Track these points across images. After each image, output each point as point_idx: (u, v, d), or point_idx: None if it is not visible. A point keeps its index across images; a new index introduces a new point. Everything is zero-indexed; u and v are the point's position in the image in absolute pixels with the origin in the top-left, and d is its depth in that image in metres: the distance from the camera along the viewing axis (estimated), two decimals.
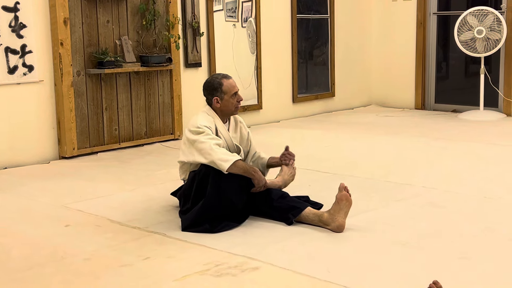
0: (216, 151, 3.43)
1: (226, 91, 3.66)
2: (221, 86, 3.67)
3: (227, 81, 3.69)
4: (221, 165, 3.40)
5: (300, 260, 2.95)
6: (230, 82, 3.70)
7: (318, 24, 7.87)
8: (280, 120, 7.37)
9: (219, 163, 3.40)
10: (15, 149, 5.18)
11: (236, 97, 3.68)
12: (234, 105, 3.68)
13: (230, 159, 3.42)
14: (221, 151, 3.45)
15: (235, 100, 3.68)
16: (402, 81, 8.28)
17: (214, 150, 3.43)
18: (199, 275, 2.78)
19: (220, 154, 3.43)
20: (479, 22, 7.16)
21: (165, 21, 5.99)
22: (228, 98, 3.66)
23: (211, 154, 3.43)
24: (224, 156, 3.42)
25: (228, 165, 3.39)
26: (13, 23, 5.07)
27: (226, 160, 3.41)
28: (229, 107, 3.68)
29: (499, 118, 7.24)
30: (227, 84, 3.68)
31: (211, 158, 3.42)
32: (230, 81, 3.70)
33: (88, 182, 4.58)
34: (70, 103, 5.34)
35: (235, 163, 3.41)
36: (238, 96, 3.69)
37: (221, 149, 3.48)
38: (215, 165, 3.42)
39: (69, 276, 2.82)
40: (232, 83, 3.70)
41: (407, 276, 2.74)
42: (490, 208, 3.76)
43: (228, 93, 3.66)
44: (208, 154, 3.44)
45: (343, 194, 3.35)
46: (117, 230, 3.46)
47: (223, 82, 3.67)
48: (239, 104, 3.71)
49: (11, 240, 3.35)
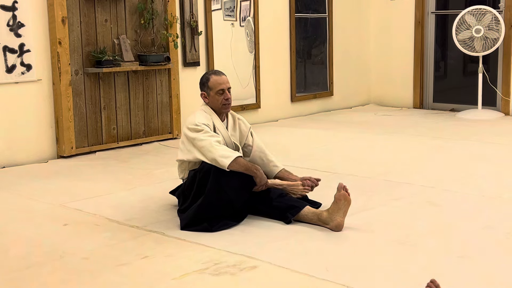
0: (216, 148, 3.41)
1: (212, 87, 3.61)
2: (208, 81, 3.63)
3: (215, 77, 3.63)
4: (222, 162, 3.38)
5: (299, 258, 2.95)
6: (218, 78, 3.63)
7: (316, 23, 7.87)
8: (279, 119, 7.37)
9: (220, 159, 3.38)
10: (13, 148, 5.17)
11: (223, 95, 3.61)
12: (220, 102, 3.61)
13: (231, 155, 3.40)
14: (221, 148, 3.44)
15: (222, 98, 3.61)
16: (401, 80, 8.28)
17: (215, 147, 3.41)
18: (198, 274, 2.78)
19: (221, 151, 3.41)
20: (477, 21, 7.16)
21: (163, 20, 5.99)
22: (213, 94, 3.61)
23: (211, 152, 3.41)
24: (225, 153, 3.40)
25: (229, 161, 3.37)
26: (11, 22, 5.06)
27: (227, 156, 3.39)
28: (216, 104, 3.63)
29: (497, 117, 7.25)
30: (213, 80, 3.62)
31: (212, 156, 3.40)
32: (219, 77, 3.63)
33: (87, 181, 4.58)
34: (68, 102, 5.33)
35: (236, 160, 3.39)
36: (225, 94, 3.61)
37: (222, 146, 3.46)
38: (215, 163, 3.40)
39: (68, 275, 2.82)
40: (219, 80, 3.62)
41: (406, 275, 2.74)
42: (489, 207, 3.76)
43: (214, 89, 3.61)
44: (208, 151, 3.42)
45: (341, 193, 3.33)
46: (115, 229, 3.46)
47: (210, 78, 3.63)
48: (226, 102, 3.62)
49: (9, 239, 3.34)
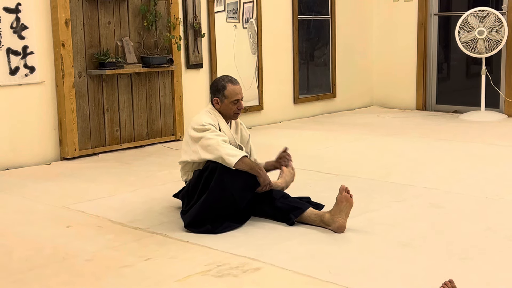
0: (223, 146, 3.43)
1: (228, 96, 3.62)
2: (224, 89, 3.63)
3: (232, 86, 3.64)
4: (229, 160, 3.39)
5: (302, 260, 2.95)
6: (235, 88, 3.64)
7: (319, 25, 7.87)
8: (281, 121, 7.37)
9: (226, 157, 3.39)
10: (17, 150, 5.18)
11: (237, 104, 3.64)
12: (233, 111, 3.65)
13: (238, 154, 3.42)
14: (228, 146, 3.46)
15: (235, 107, 3.64)
16: (403, 82, 8.28)
17: (222, 146, 3.43)
18: (201, 276, 2.78)
19: (228, 149, 3.43)
20: (480, 22, 7.16)
21: (166, 22, 6.00)
22: (228, 103, 3.63)
23: (218, 150, 3.42)
24: (232, 151, 3.42)
25: (236, 160, 3.38)
26: (14, 24, 5.07)
27: (234, 155, 3.41)
28: (228, 112, 3.65)
29: (500, 119, 7.24)
30: (230, 89, 3.63)
31: (219, 154, 3.41)
32: (236, 87, 3.65)
33: (90, 183, 4.58)
34: (71, 104, 5.34)
35: (242, 159, 3.41)
36: (239, 104, 3.64)
37: (228, 145, 3.48)
38: (222, 160, 3.41)
39: (71, 277, 2.82)
40: (236, 90, 3.64)
41: (409, 277, 2.74)
42: (492, 209, 3.76)
43: (229, 98, 3.62)
44: (215, 149, 3.43)
45: (343, 196, 3.33)
46: (118, 231, 3.47)
47: (227, 86, 3.63)
48: (238, 111, 3.66)
49: (13, 241, 3.35)
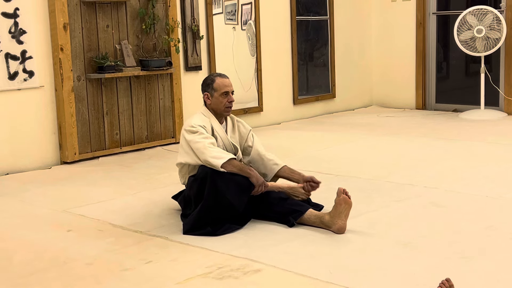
0: (209, 149, 3.46)
1: (217, 89, 3.66)
2: (213, 83, 3.68)
3: (220, 79, 3.69)
4: (214, 162, 3.41)
5: (302, 261, 2.95)
6: (223, 80, 3.69)
7: (318, 25, 7.88)
8: (281, 122, 7.37)
9: (211, 160, 3.42)
10: (17, 154, 5.18)
11: (227, 97, 3.67)
12: (224, 104, 3.66)
13: (224, 156, 3.44)
14: (214, 149, 3.48)
15: (226, 100, 3.66)
16: (403, 81, 8.28)
17: (208, 149, 3.46)
18: (202, 278, 2.78)
19: (214, 152, 3.45)
20: (478, 21, 7.16)
21: (165, 25, 6.00)
22: (217, 96, 3.66)
23: (204, 153, 3.45)
24: (217, 154, 3.44)
25: (222, 162, 3.40)
26: (13, 29, 5.08)
27: (220, 157, 3.43)
28: (219, 106, 3.67)
29: (500, 117, 7.24)
30: (219, 81, 3.68)
31: (204, 157, 3.45)
32: (224, 79, 3.70)
33: (90, 187, 4.58)
34: (71, 108, 5.34)
35: (229, 161, 3.43)
36: (229, 96, 3.68)
37: (215, 148, 3.50)
38: (209, 164, 3.43)
39: (71, 280, 2.82)
40: (225, 82, 3.69)
41: (409, 277, 2.74)
42: (492, 208, 3.76)
43: (218, 90, 3.65)
44: (201, 153, 3.46)
45: (341, 198, 3.33)
46: (119, 234, 3.47)
47: (216, 80, 3.69)
48: (230, 104, 3.68)
49: (13, 245, 3.35)
